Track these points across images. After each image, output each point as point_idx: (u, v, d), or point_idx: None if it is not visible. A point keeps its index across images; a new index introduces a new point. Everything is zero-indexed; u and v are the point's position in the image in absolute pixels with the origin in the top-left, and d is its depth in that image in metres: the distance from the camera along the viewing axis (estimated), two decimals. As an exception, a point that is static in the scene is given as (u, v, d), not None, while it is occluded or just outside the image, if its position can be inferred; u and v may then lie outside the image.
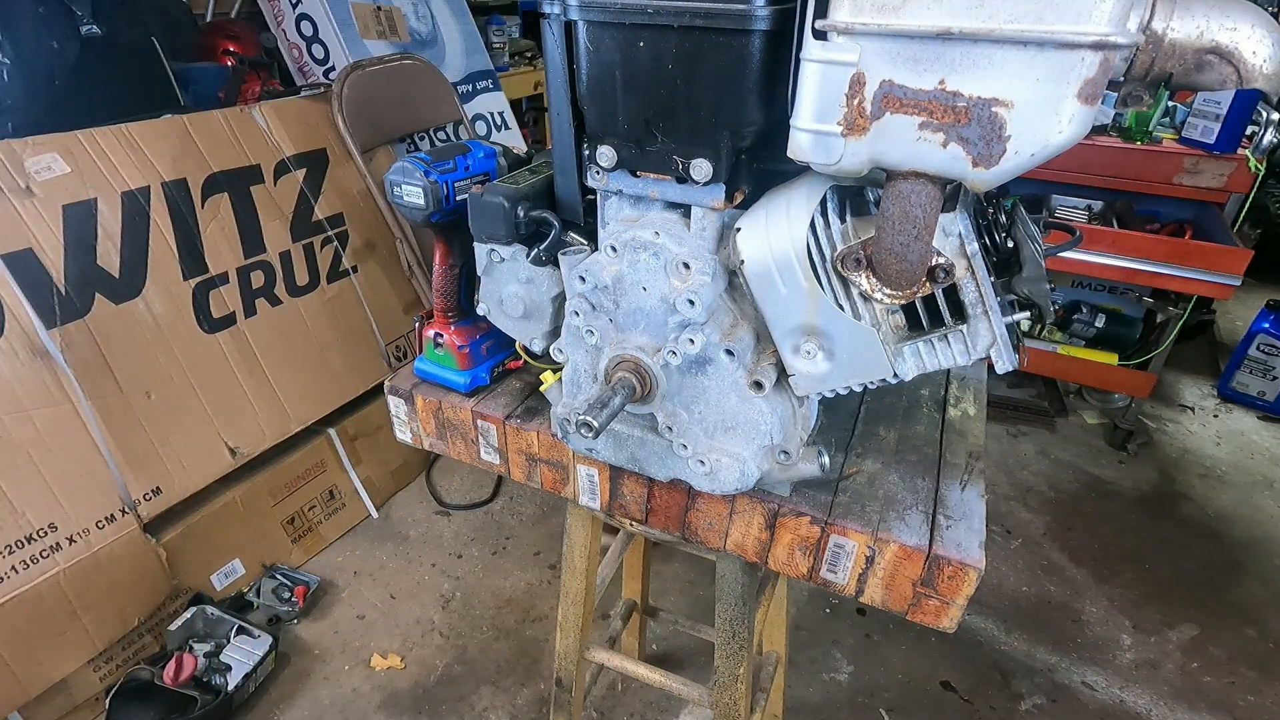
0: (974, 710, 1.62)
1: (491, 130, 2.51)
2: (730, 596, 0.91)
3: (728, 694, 0.99)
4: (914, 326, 0.62)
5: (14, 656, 1.37)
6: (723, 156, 0.59)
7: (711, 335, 0.66)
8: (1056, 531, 2.13)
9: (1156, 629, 1.84)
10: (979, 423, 0.88)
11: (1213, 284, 2.10)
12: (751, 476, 0.71)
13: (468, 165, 0.83)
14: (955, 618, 0.70)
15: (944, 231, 0.55)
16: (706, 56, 0.55)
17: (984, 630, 1.81)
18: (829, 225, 0.59)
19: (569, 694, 1.17)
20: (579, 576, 1.05)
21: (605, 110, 0.62)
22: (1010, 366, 0.59)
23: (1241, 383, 2.70)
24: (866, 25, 0.47)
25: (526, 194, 0.73)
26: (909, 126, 0.49)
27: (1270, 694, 1.68)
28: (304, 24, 2.18)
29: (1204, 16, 0.45)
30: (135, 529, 1.52)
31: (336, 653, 1.73)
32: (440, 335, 0.89)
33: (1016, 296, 0.60)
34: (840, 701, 1.63)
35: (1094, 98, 0.44)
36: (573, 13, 0.58)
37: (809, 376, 0.65)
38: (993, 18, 0.44)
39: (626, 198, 0.69)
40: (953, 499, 0.75)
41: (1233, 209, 2.24)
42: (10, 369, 1.36)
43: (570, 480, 0.86)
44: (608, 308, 0.71)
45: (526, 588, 1.92)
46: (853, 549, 0.72)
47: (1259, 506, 2.26)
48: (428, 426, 0.93)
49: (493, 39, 2.99)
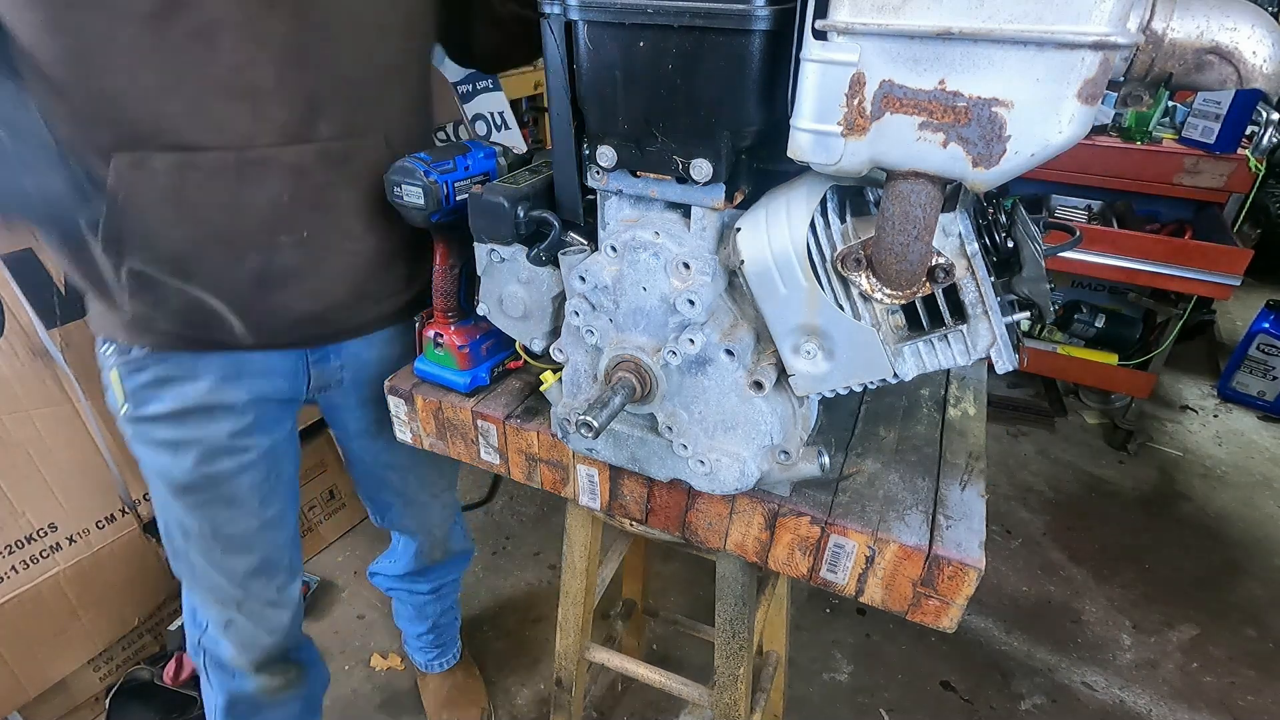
0: (974, 710, 1.62)
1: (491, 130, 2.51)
2: (730, 596, 0.91)
3: (728, 694, 0.99)
4: (914, 326, 0.62)
5: (14, 656, 1.37)
6: (723, 157, 0.59)
7: (711, 335, 0.66)
8: (1056, 531, 2.13)
9: (1156, 629, 1.84)
10: (979, 423, 0.88)
11: (1213, 284, 2.10)
12: (751, 476, 0.71)
13: (468, 165, 0.83)
14: (955, 618, 0.70)
15: (944, 231, 0.56)
16: (706, 56, 0.55)
17: (984, 630, 1.81)
18: (829, 225, 0.59)
19: (569, 694, 1.17)
20: (579, 576, 1.05)
21: (605, 110, 0.62)
22: (1010, 367, 0.59)
23: (1241, 383, 2.70)
24: (866, 25, 0.47)
25: (527, 194, 0.73)
26: (909, 126, 0.49)
27: (1270, 694, 1.68)
28: (304, 24, 2.18)
29: (1204, 16, 0.45)
30: (135, 529, 1.52)
31: (336, 653, 1.73)
32: (440, 335, 0.89)
33: (1016, 296, 0.60)
34: (840, 701, 1.63)
35: (1094, 98, 0.44)
36: (573, 13, 0.58)
37: (809, 376, 0.65)
38: (993, 18, 0.44)
39: (626, 198, 0.69)
40: (953, 499, 0.75)
41: (1233, 209, 2.24)
42: (10, 369, 1.36)
43: (570, 480, 0.86)
44: (608, 308, 0.71)
45: (526, 588, 1.92)
46: (853, 549, 0.72)
47: (1259, 506, 2.26)
48: (428, 426, 0.93)
49: (493, 39, 2.98)
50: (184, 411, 0.93)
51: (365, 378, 1.06)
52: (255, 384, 0.96)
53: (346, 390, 1.07)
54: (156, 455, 0.96)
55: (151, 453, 0.96)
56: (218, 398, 0.93)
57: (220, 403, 0.94)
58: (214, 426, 0.94)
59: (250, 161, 0.79)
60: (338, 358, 1.03)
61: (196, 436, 0.94)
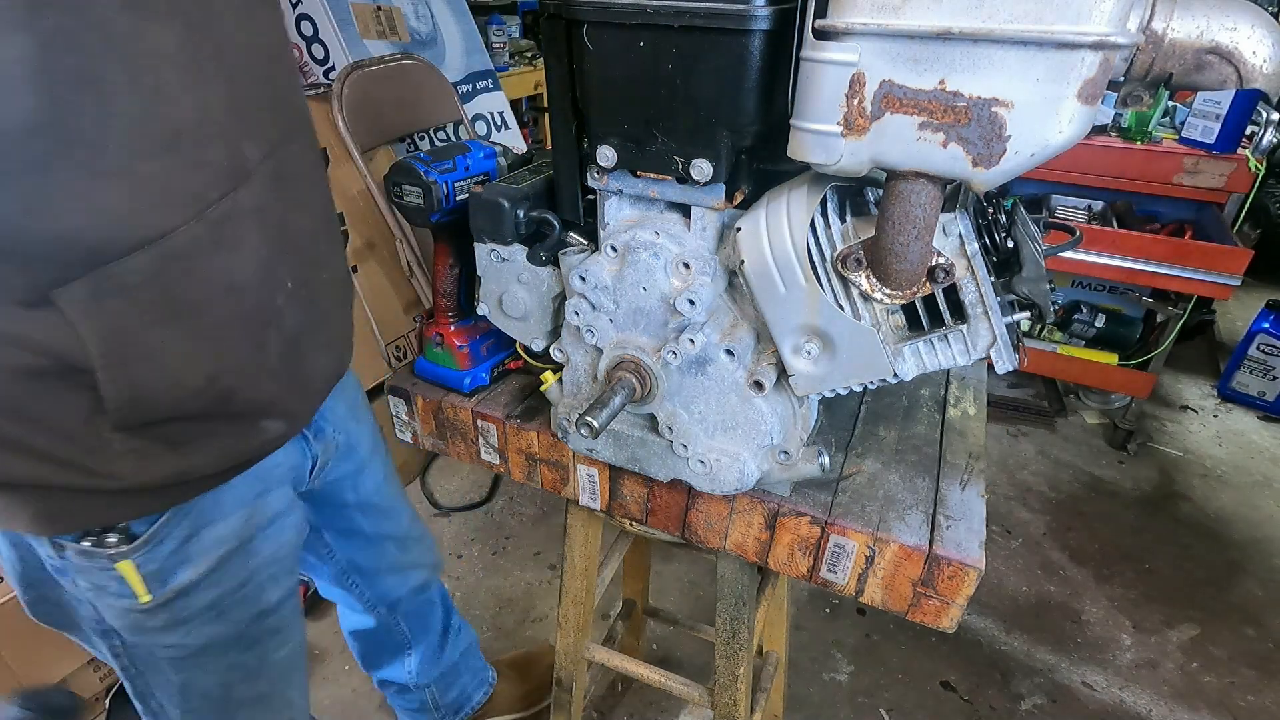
0: (974, 710, 1.62)
1: (491, 130, 2.51)
2: (730, 596, 0.91)
3: (728, 694, 0.99)
4: (914, 326, 0.62)
5: (14, 657, 1.36)
6: (723, 157, 0.59)
7: (711, 335, 0.66)
8: (1056, 531, 2.13)
9: (1156, 629, 1.84)
10: (979, 423, 0.88)
11: (1213, 284, 2.10)
12: (751, 476, 0.71)
13: (468, 165, 0.83)
14: (955, 618, 0.70)
15: (944, 231, 0.56)
16: (707, 57, 0.55)
17: (984, 630, 1.81)
18: (829, 225, 0.59)
19: (569, 694, 1.17)
20: (579, 576, 1.05)
21: (605, 110, 0.62)
22: (1010, 366, 0.59)
23: (1241, 383, 2.70)
24: (866, 25, 0.47)
25: (527, 194, 0.73)
26: (909, 126, 0.49)
27: (1270, 694, 1.68)
28: (303, 24, 2.18)
29: (1204, 16, 0.45)
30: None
31: (336, 653, 1.73)
32: (440, 335, 0.89)
33: (1016, 296, 0.60)
34: (840, 701, 1.63)
35: (1094, 98, 0.44)
36: (573, 13, 0.58)
37: (809, 376, 0.65)
38: (992, 18, 0.44)
39: (627, 198, 0.69)
40: (953, 499, 0.75)
41: (1233, 209, 2.24)
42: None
43: (570, 480, 0.86)
44: (608, 308, 0.71)
45: (526, 588, 1.92)
46: (853, 549, 0.72)
47: (1259, 506, 2.26)
48: (428, 426, 0.93)
49: (493, 39, 2.99)
50: (226, 557, 0.76)
51: (354, 439, 0.96)
52: (281, 493, 0.82)
53: (343, 456, 0.96)
54: (197, 631, 0.77)
55: (186, 635, 0.76)
56: (253, 526, 0.78)
57: (257, 529, 0.79)
58: (254, 560, 0.79)
59: (217, 223, 0.61)
60: (329, 423, 0.91)
61: (238, 582, 0.78)
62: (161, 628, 0.75)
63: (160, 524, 0.70)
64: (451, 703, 1.39)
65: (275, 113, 0.69)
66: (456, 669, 1.37)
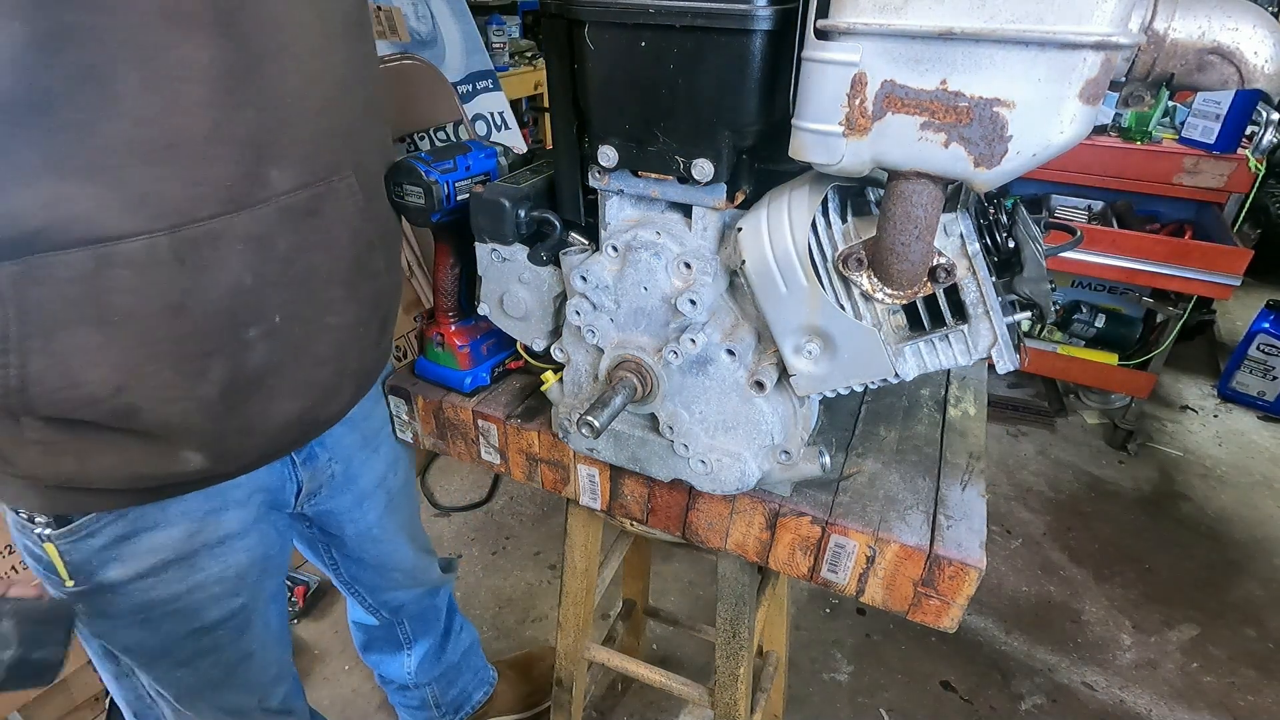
0: (974, 710, 1.62)
1: (491, 130, 2.51)
2: (730, 596, 0.91)
3: (728, 694, 0.99)
4: (915, 326, 0.62)
5: (14, 656, 1.36)
6: (724, 156, 0.59)
7: (712, 335, 0.66)
8: (1056, 531, 2.13)
9: (1156, 629, 1.84)
10: (979, 423, 0.88)
11: (1213, 284, 2.10)
12: (752, 476, 0.71)
13: (468, 165, 0.83)
14: (956, 618, 0.70)
15: (945, 231, 0.56)
16: (708, 56, 0.55)
17: (984, 630, 1.81)
18: (830, 225, 0.59)
19: (569, 694, 1.17)
20: (579, 576, 1.05)
21: (606, 110, 0.62)
22: (1011, 366, 0.59)
23: (1241, 383, 2.70)
24: (868, 25, 0.47)
25: (528, 194, 0.73)
26: (910, 126, 0.49)
27: (1270, 694, 1.69)
28: (304, 24, 2.18)
29: (1205, 17, 0.45)
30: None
31: (336, 652, 1.73)
32: (440, 335, 0.89)
33: (1017, 296, 0.60)
34: (840, 701, 1.63)
35: (1096, 98, 0.44)
36: (574, 13, 0.58)
37: (810, 376, 0.65)
38: (994, 18, 0.44)
39: (628, 198, 0.69)
40: (953, 499, 0.75)
41: (1233, 209, 2.24)
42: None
43: (571, 480, 0.86)
44: (609, 308, 0.71)
45: (526, 588, 1.92)
46: (853, 549, 0.72)
47: (1259, 506, 2.26)
48: (428, 426, 0.93)
49: (493, 39, 2.99)
50: (161, 566, 0.75)
51: (356, 471, 0.94)
52: (239, 514, 0.80)
53: (339, 488, 0.94)
54: (124, 633, 0.78)
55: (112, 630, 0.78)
56: (198, 541, 0.77)
57: (203, 545, 0.77)
58: (195, 576, 0.78)
59: (192, 241, 0.59)
60: (325, 450, 0.89)
61: (171, 594, 0.77)
62: (87, 614, 0.76)
63: (92, 517, 0.70)
64: (451, 701, 1.39)
65: (329, 144, 0.69)
66: (457, 668, 1.38)
